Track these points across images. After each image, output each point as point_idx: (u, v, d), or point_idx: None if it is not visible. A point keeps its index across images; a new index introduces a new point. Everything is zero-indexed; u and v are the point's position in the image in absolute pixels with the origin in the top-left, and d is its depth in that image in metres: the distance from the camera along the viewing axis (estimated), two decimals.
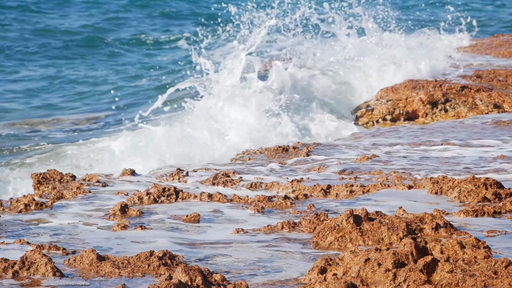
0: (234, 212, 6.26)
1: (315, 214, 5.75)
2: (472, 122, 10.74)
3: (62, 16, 26.69)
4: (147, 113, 10.85)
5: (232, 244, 5.33)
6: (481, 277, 4.22)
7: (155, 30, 24.85)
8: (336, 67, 14.32)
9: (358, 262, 4.45)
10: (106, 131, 13.13)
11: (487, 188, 6.51)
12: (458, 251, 4.70)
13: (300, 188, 6.95)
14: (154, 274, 4.65)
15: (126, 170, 7.75)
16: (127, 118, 13.61)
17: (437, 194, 6.67)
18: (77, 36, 23.01)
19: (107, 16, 26.86)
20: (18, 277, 4.60)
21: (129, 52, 21.69)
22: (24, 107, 15.72)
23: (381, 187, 6.94)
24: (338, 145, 9.38)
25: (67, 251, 5.12)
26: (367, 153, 8.65)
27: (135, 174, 7.77)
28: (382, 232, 5.24)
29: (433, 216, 5.47)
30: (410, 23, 19.22)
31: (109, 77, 18.62)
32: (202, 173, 7.87)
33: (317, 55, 14.73)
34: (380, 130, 10.69)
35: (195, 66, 12.46)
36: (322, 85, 13.36)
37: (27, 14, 26.53)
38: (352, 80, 13.95)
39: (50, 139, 12.84)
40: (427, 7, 27.64)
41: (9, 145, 12.51)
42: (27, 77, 18.46)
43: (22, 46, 21.84)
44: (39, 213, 6.21)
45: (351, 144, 9.37)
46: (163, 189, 6.71)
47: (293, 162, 8.36)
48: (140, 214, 6.12)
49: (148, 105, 13.16)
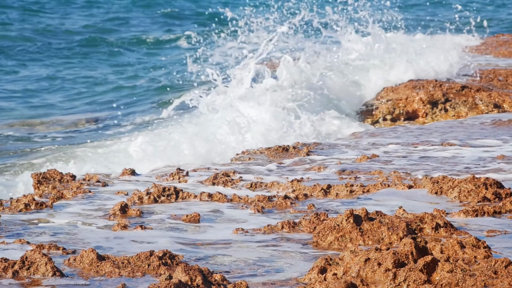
0: (234, 212, 6.26)
1: (315, 214, 5.75)
2: (472, 122, 10.75)
3: (63, 16, 26.69)
4: (164, 114, 10.72)
5: (232, 244, 5.33)
6: (481, 277, 4.22)
7: (156, 30, 24.82)
8: (342, 66, 14.22)
9: (358, 262, 4.45)
10: (112, 132, 13.07)
11: (487, 188, 6.52)
12: (458, 251, 4.70)
13: (300, 188, 6.95)
14: (154, 274, 4.65)
15: (126, 170, 7.76)
16: (132, 118, 13.59)
17: (437, 194, 6.67)
18: (78, 36, 22.98)
19: (108, 16, 26.86)
20: (18, 277, 4.60)
21: (129, 51, 21.68)
22: (23, 107, 15.72)
23: (381, 186, 6.94)
24: (337, 144, 9.38)
25: (67, 250, 5.12)
26: (367, 152, 8.65)
27: (135, 174, 7.77)
28: (382, 232, 5.24)
29: (433, 216, 5.47)
30: (412, 23, 19.19)
31: (109, 76, 18.63)
32: (202, 172, 7.87)
33: (323, 56, 14.55)
34: (380, 130, 10.70)
35: (199, 74, 12.39)
36: (334, 83, 13.21)
37: (27, 14, 26.54)
38: (361, 79, 13.86)
39: (58, 141, 12.76)
40: (428, 7, 27.62)
41: (12, 147, 12.51)
42: (27, 77, 18.46)
43: (23, 46, 21.83)
44: (39, 213, 6.21)
45: (350, 144, 9.37)
46: (163, 189, 6.71)
47: (293, 162, 8.36)
48: (140, 214, 6.12)
49: (147, 106, 13.13)
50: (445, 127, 10.41)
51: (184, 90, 12.64)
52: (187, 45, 22.08)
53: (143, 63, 20.31)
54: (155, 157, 9.07)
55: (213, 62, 16.18)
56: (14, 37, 22.91)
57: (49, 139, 12.92)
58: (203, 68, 11.71)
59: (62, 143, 12.46)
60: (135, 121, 13.54)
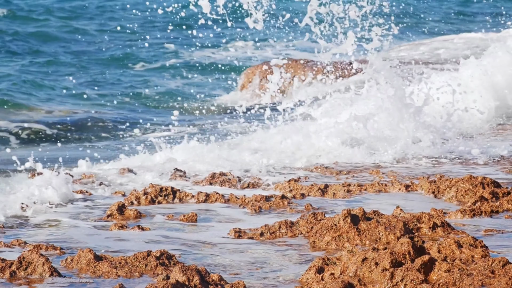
0: (231, 212, 6.26)
1: (313, 213, 5.75)
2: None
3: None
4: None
5: (229, 244, 5.33)
6: (478, 276, 4.23)
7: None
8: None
9: (356, 261, 4.45)
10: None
11: (484, 187, 6.52)
12: (456, 250, 4.70)
13: (298, 187, 6.95)
14: (152, 274, 4.65)
15: (123, 170, 7.75)
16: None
17: (435, 193, 6.68)
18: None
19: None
20: (15, 277, 4.60)
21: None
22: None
23: (378, 186, 6.94)
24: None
25: (64, 251, 5.12)
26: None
27: (133, 173, 7.76)
28: (379, 232, 5.25)
29: (430, 215, 5.47)
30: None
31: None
32: (200, 172, 7.86)
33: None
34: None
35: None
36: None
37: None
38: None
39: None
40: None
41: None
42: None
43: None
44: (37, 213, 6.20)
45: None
46: (161, 189, 6.71)
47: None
48: (138, 214, 6.12)
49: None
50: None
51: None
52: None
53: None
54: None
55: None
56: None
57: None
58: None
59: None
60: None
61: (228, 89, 17.12)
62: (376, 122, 9.09)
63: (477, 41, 18.42)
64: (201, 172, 7.80)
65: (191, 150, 8.68)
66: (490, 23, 23.99)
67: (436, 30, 23.31)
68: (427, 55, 17.09)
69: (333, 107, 10.03)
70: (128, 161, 8.54)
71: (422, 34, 22.50)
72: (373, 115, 9.18)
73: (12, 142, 12.80)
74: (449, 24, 24.89)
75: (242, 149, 8.90)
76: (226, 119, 12.61)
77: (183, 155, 8.52)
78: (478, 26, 23.28)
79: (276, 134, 9.34)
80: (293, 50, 20.76)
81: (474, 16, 26.27)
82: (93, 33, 23.91)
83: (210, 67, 19.42)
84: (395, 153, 8.56)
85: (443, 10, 27.30)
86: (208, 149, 8.72)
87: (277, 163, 8.23)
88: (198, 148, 8.77)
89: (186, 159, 8.33)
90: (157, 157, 8.55)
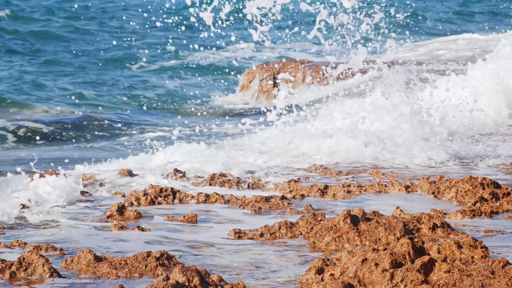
0: (231, 213, 6.26)
1: (312, 214, 5.75)
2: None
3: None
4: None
5: (229, 245, 5.33)
6: (478, 277, 4.23)
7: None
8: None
9: (356, 262, 4.45)
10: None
11: (484, 188, 6.52)
12: (455, 251, 4.70)
13: (298, 188, 6.95)
14: (152, 275, 4.65)
15: (123, 171, 7.74)
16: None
17: (434, 194, 6.68)
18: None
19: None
20: (15, 278, 4.60)
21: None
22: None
23: (378, 187, 6.94)
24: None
25: (64, 251, 5.12)
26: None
27: (132, 174, 7.76)
28: (379, 232, 5.25)
29: (430, 216, 5.47)
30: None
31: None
32: (200, 173, 7.86)
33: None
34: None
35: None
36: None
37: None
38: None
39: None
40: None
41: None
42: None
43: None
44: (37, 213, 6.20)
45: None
46: (161, 190, 6.70)
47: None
48: (138, 215, 6.11)
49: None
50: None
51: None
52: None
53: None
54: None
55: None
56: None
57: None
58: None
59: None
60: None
61: (228, 90, 17.12)
62: (389, 138, 8.91)
63: (479, 42, 18.40)
64: (201, 172, 7.80)
65: (190, 151, 8.70)
66: (490, 23, 23.99)
67: (435, 30, 23.31)
68: (427, 55, 17.06)
69: (332, 111, 9.98)
70: (128, 162, 8.54)
71: (422, 34, 22.50)
72: (384, 132, 9.00)
73: (10, 141, 12.77)
74: (449, 24, 24.87)
75: (242, 150, 8.90)
76: (226, 120, 12.61)
77: (183, 156, 8.54)
78: (478, 26, 23.30)
79: (276, 136, 9.34)
80: (293, 51, 20.75)
81: (474, 16, 26.26)
82: (93, 33, 23.92)
83: (210, 68, 19.42)
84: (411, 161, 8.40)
85: (443, 10, 27.30)
86: (208, 150, 8.73)
87: (277, 164, 8.23)
88: (197, 149, 8.79)
89: (186, 160, 8.35)
90: (157, 158, 8.57)
